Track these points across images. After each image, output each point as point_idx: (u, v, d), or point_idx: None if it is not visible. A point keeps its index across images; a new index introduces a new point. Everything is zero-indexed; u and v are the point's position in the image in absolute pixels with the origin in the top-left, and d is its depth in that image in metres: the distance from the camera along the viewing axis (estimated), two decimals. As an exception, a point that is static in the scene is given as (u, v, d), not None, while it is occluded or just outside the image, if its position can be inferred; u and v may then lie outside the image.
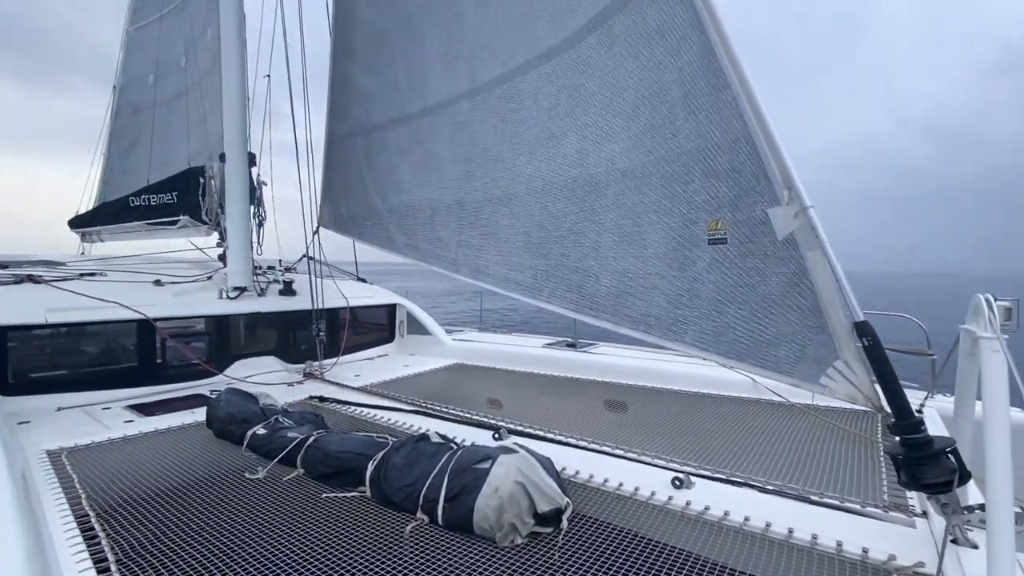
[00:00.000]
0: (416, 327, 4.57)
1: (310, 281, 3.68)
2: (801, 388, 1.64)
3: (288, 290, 3.74)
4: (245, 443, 2.10)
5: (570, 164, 2.49)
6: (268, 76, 3.95)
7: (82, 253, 5.66)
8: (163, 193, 4.26)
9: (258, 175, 3.89)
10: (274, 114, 4.15)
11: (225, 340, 3.43)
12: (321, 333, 3.49)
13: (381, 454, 1.76)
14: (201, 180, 3.76)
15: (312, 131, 4.05)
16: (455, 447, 1.73)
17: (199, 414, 2.49)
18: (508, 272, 2.87)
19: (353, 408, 2.66)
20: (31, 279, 3.04)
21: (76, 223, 5.70)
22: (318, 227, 4.21)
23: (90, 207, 5.81)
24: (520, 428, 2.26)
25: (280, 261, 4.40)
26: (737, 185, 1.74)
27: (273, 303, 3.64)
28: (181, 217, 3.88)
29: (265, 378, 3.25)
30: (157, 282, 3.36)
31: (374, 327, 4.49)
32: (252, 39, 3.74)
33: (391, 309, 4.55)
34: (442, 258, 3.32)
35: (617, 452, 1.98)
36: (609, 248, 2.27)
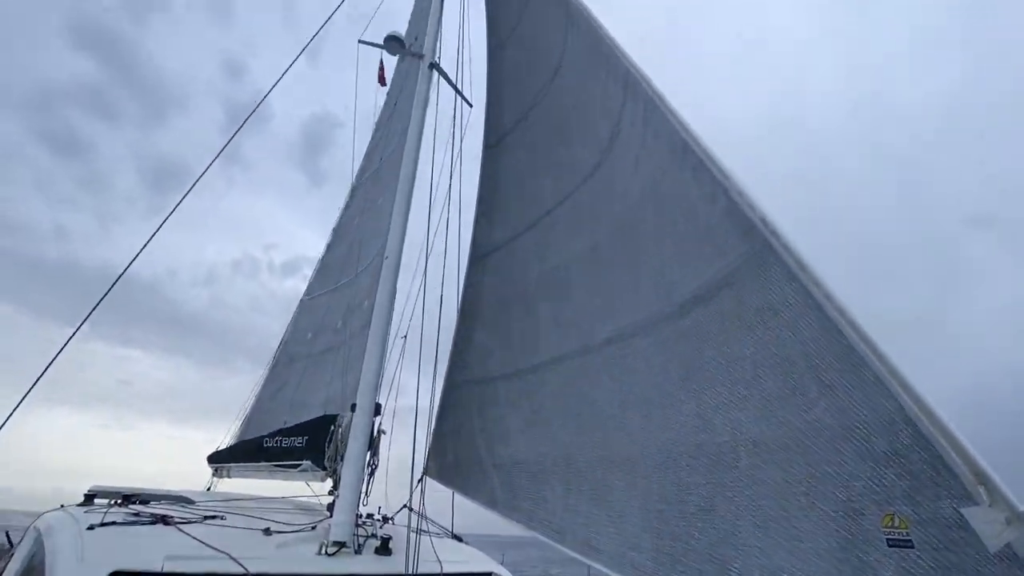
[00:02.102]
0: None
1: (407, 540, 3.47)
2: None
3: (384, 548, 3.54)
4: None
5: (690, 428, 2.32)
6: (405, 337, 4.60)
7: (209, 489, 6.04)
8: (295, 436, 4.63)
9: (379, 423, 4.16)
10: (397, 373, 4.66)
11: None
12: None
13: None
14: (331, 427, 4.07)
15: (429, 383, 4.45)
16: None
17: None
18: (625, 551, 2.47)
19: None
20: (164, 521, 3.22)
21: (214, 459, 6.28)
22: (423, 476, 4.18)
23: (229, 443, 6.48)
24: None
25: (380, 509, 4.30)
26: (908, 473, 1.48)
27: (366, 564, 3.41)
28: (304, 461, 4.11)
29: None
30: (267, 531, 3.38)
31: None
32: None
33: None
34: (545, 523, 2.99)
35: None
36: (750, 535, 1.92)
